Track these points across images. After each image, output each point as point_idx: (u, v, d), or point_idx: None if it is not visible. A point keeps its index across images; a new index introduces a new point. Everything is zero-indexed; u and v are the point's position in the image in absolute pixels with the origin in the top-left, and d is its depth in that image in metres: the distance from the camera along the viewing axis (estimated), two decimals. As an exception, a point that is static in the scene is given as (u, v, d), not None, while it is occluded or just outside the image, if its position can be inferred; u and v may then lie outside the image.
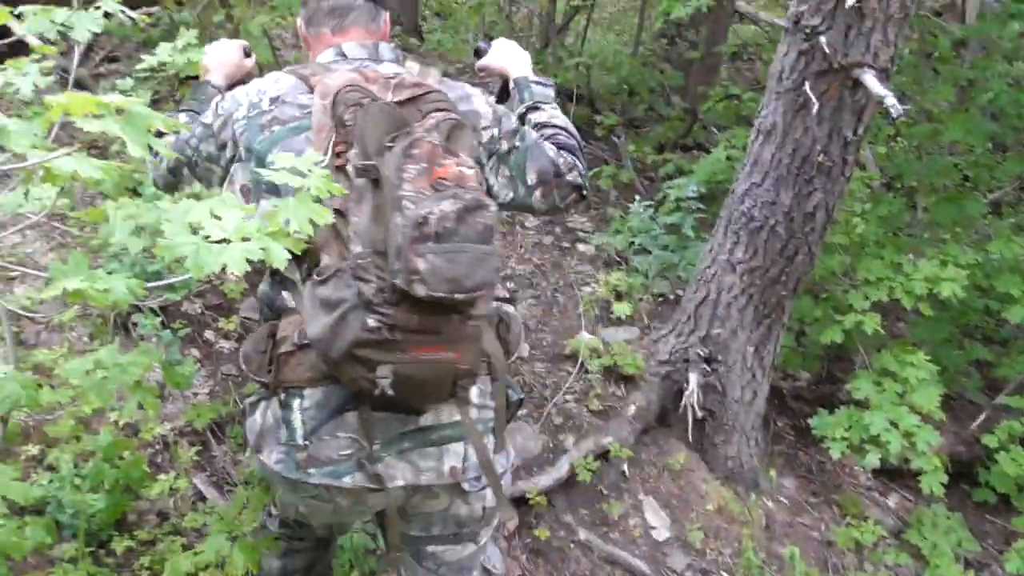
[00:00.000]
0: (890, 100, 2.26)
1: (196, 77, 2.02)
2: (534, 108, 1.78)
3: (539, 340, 3.56)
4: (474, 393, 1.52)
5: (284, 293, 1.51)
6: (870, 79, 2.37)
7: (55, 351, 2.90)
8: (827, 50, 2.40)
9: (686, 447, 3.12)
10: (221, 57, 1.94)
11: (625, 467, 2.96)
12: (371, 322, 1.29)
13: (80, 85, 4.14)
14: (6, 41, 1.61)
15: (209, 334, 3.15)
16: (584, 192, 1.70)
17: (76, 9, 1.52)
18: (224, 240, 0.98)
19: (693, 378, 3.05)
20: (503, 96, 1.89)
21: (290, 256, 1.06)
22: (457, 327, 1.36)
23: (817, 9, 2.42)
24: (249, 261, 0.96)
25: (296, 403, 1.47)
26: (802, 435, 3.44)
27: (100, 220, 1.50)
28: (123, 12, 1.57)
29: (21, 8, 1.51)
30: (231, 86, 1.80)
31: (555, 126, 1.73)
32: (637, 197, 4.41)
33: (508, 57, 1.89)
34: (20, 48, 1.54)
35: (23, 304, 2.95)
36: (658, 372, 3.23)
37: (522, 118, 1.77)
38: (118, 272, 3.02)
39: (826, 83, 2.48)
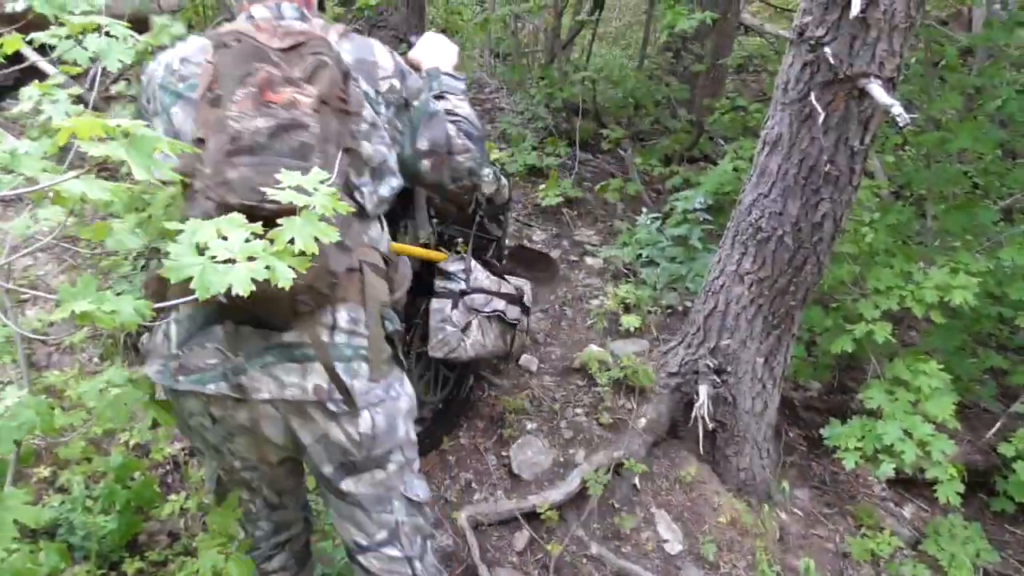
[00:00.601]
0: (897, 109, 2.25)
1: None
2: (440, 97, 1.84)
3: (548, 354, 3.56)
4: (342, 318, 1.57)
5: None
6: (876, 89, 2.36)
7: (66, 372, 2.92)
8: (832, 61, 2.40)
9: (697, 459, 3.10)
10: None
11: (636, 480, 2.94)
12: None
13: (94, 108, 4.19)
14: (17, 67, 1.63)
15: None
16: (478, 178, 1.79)
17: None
18: (230, 260, 0.99)
19: (703, 390, 3.03)
20: None
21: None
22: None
23: (822, 20, 2.42)
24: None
25: (172, 316, 1.58)
26: (814, 446, 3.42)
27: (104, 236, 1.51)
28: (132, 36, 1.58)
29: (40, 35, 1.53)
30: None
31: (458, 115, 1.80)
32: (644, 210, 4.41)
33: (426, 50, 1.98)
34: (30, 72, 1.56)
35: (34, 327, 2.98)
36: (668, 384, 3.22)
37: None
38: (127, 293, 3.05)
39: (832, 93, 2.48)
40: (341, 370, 1.55)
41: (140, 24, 4.90)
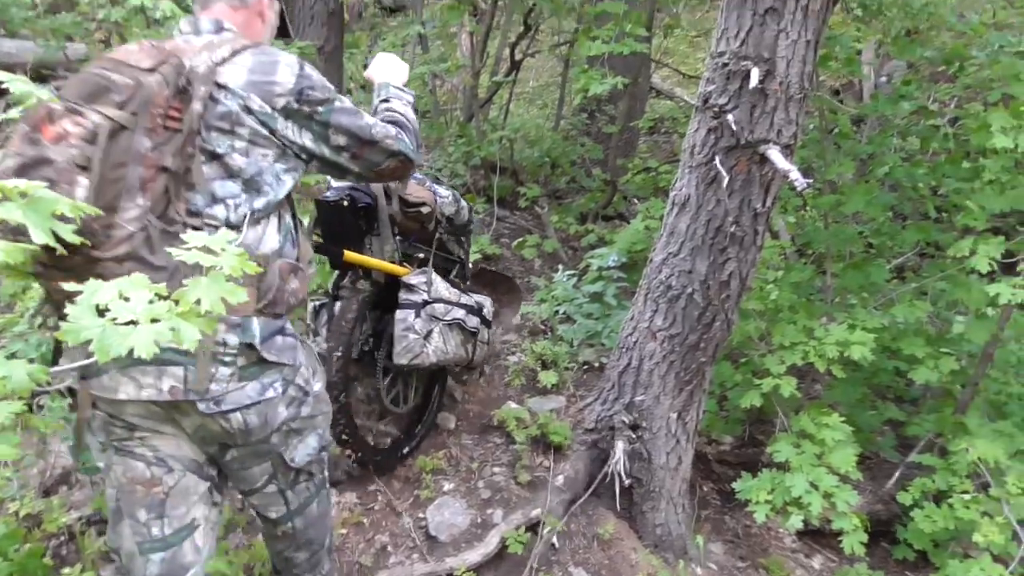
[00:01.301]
0: (794, 174, 2.38)
1: None
2: (385, 100, 2.12)
3: (466, 411, 3.54)
4: None
5: None
6: (775, 154, 2.49)
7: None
8: (734, 127, 2.53)
9: (615, 516, 3.11)
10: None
11: (555, 539, 2.93)
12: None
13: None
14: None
15: (121, 414, 3.01)
16: (410, 157, 2.00)
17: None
18: (132, 322, 0.96)
19: (619, 446, 3.06)
20: None
21: None
22: (80, 268, 1.51)
23: (724, 89, 2.55)
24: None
25: None
26: (728, 499, 3.48)
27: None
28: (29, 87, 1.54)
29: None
30: None
31: (393, 110, 2.07)
32: (560, 267, 4.48)
33: (378, 67, 2.26)
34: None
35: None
36: (585, 440, 3.24)
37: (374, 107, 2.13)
38: (24, 350, 2.89)
39: (735, 158, 2.60)
40: (193, 373, 1.66)
41: (45, 71, 4.72)
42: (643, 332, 3.04)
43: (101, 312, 0.97)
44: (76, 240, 0.88)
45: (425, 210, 3.00)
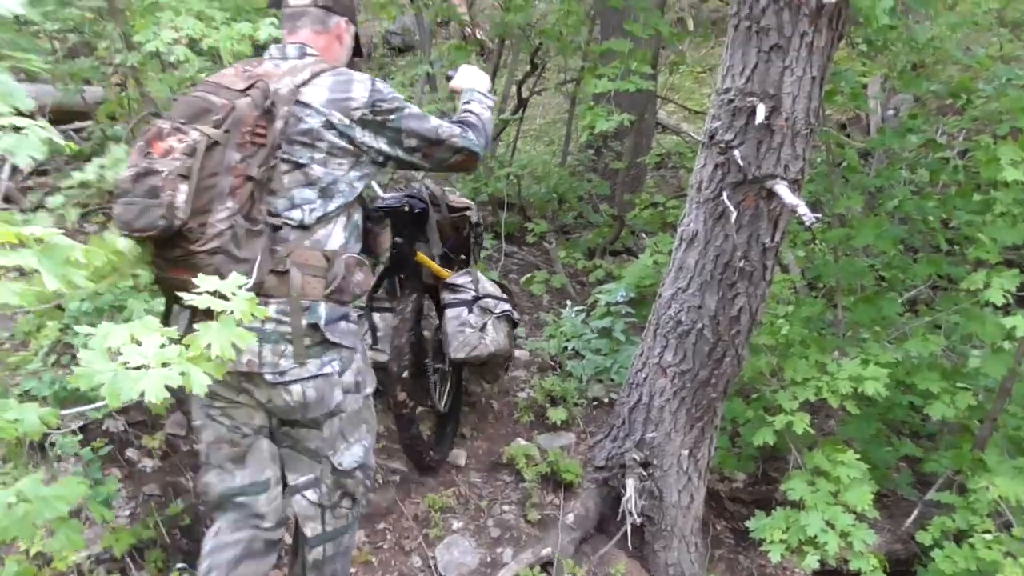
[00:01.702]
0: (802, 209, 2.38)
1: None
2: (467, 103, 2.39)
3: (475, 448, 3.52)
4: (271, 310, 1.97)
5: None
6: (783, 189, 2.50)
7: (-39, 479, 2.73)
8: (741, 163, 2.54)
9: (626, 555, 3.07)
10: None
11: (566, 579, 2.88)
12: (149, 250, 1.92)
13: (7, 199, 4.07)
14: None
15: (132, 452, 3.02)
16: (474, 151, 2.25)
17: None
18: (143, 366, 0.96)
19: (630, 483, 3.03)
20: None
21: None
22: (180, 259, 1.86)
23: (730, 125, 2.56)
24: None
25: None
26: (742, 538, 3.42)
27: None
28: (47, 132, 1.56)
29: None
30: None
31: (471, 111, 2.35)
32: (568, 302, 4.48)
33: (463, 77, 2.55)
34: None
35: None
36: (595, 478, 3.20)
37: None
38: (38, 388, 2.90)
39: (742, 193, 2.61)
40: (268, 350, 1.97)
41: (63, 115, 4.81)
42: (653, 368, 3.03)
43: (113, 357, 0.97)
44: (90, 285, 0.89)
45: (469, 215, 3.24)
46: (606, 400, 3.85)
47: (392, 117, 2.10)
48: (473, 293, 2.82)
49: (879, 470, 3.39)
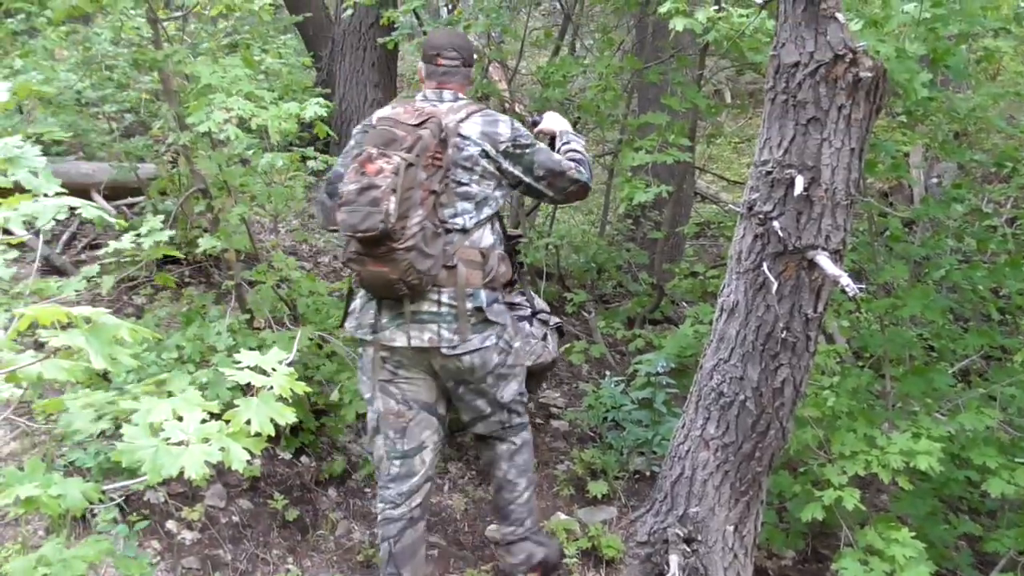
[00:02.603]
0: (844, 280, 2.35)
1: (169, 259, 3.27)
2: (566, 143, 2.89)
3: (515, 523, 3.44)
4: (444, 297, 2.58)
5: None
6: (824, 260, 2.47)
7: (7, 548, 2.76)
8: (781, 234, 2.53)
9: (672, 637, 2.95)
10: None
11: (608, 662, 2.78)
12: (351, 249, 2.50)
13: (59, 271, 4.21)
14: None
15: (171, 524, 3.03)
16: (585, 183, 2.79)
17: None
18: (183, 442, 0.97)
19: (674, 560, 2.94)
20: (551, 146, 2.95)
21: None
22: (384, 254, 2.43)
23: (768, 197, 2.56)
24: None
25: (357, 296, 2.73)
26: (792, 620, 3.28)
27: (59, 409, 1.48)
28: (100, 210, 1.62)
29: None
30: None
31: (573, 149, 2.84)
32: (608, 372, 4.44)
33: (552, 122, 3.04)
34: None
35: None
36: (638, 554, 3.11)
37: (558, 148, 2.88)
38: (82, 460, 2.93)
39: (783, 264, 2.59)
40: (444, 329, 2.58)
41: (118, 191, 4.99)
42: (695, 440, 2.97)
43: (155, 432, 0.99)
44: (134, 363, 0.91)
45: (523, 241, 3.59)
46: (648, 473, 3.77)
47: (528, 151, 2.68)
48: (531, 308, 3.12)
49: (936, 549, 3.25)
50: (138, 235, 2.48)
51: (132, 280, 3.96)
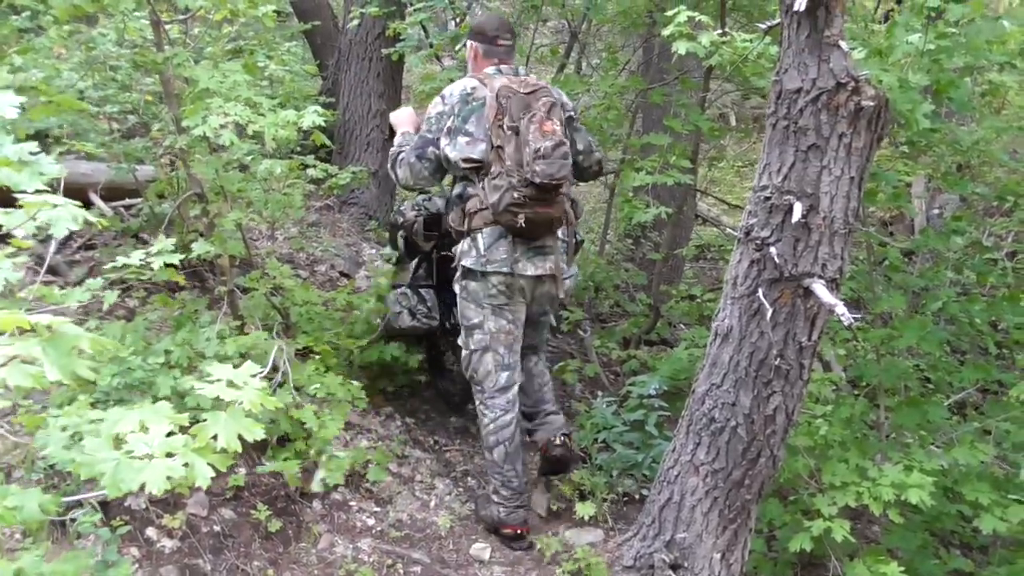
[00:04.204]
0: (840, 309, 2.33)
1: (173, 282, 3.20)
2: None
3: (499, 543, 3.40)
4: (560, 232, 3.34)
5: (469, 188, 3.26)
6: (820, 288, 2.45)
7: (-21, 551, 2.71)
8: (777, 260, 2.50)
9: (654, 665, 2.90)
10: (404, 117, 3.60)
11: None
12: (516, 195, 3.07)
13: (53, 271, 4.18)
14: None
15: (151, 532, 2.98)
16: (602, 168, 3.67)
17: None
18: (147, 456, 0.94)
19: (660, 588, 2.89)
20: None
21: (472, 167, 3.19)
22: (553, 199, 3.15)
23: (766, 223, 2.54)
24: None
25: (480, 236, 3.22)
26: (778, 652, 3.23)
27: (39, 425, 1.45)
28: (100, 215, 1.60)
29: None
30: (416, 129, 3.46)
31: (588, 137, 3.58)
32: (600, 393, 4.40)
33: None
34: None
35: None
36: (623, 580, 3.07)
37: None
38: (63, 463, 2.88)
39: (779, 291, 2.56)
40: (562, 260, 3.34)
41: (115, 192, 4.96)
42: (685, 466, 2.93)
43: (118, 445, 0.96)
44: (92, 376, 0.88)
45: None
46: (637, 496, 3.73)
47: (578, 122, 3.48)
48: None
49: (926, 585, 3.20)
50: (147, 254, 2.38)
51: (124, 282, 3.93)
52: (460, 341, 3.43)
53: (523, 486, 3.33)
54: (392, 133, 3.57)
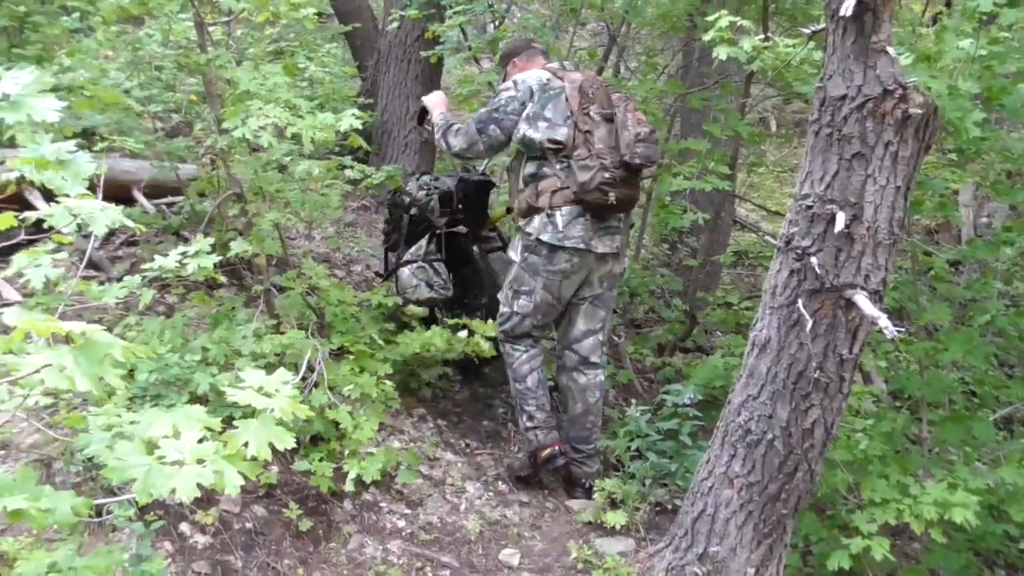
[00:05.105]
0: (883, 322, 2.27)
1: (211, 279, 3.25)
2: None
3: (529, 547, 3.39)
4: (622, 215, 3.59)
5: (545, 168, 3.48)
6: (862, 300, 2.39)
7: (20, 540, 2.76)
8: (818, 271, 2.45)
9: None
10: (437, 100, 3.88)
11: None
12: (607, 175, 3.36)
13: (95, 266, 4.26)
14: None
15: (185, 527, 3.01)
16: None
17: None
18: (178, 462, 0.94)
19: (691, 601, 2.85)
20: None
21: (553, 148, 3.46)
22: (637, 181, 3.57)
23: (807, 232, 2.49)
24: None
25: (558, 214, 3.45)
26: (812, 669, 3.16)
27: (80, 425, 1.46)
28: (141, 214, 1.61)
29: (33, 213, 1.55)
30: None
31: None
32: (634, 400, 4.35)
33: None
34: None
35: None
36: (654, 591, 3.03)
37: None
38: (100, 458, 2.92)
39: (819, 301, 2.50)
40: (620, 240, 3.59)
41: (157, 189, 5.04)
42: (719, 477, 2.88)
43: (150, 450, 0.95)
44: (121, 384, 0.88)
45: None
46: (669, 506, 3.68)
47: None
48: (500, 243, 4.17)
49: (968, 607, 3.11)
50: (183, 254, 2.39)
51: (163, 279, 3.98)
52: (501, 297, 3.73)
53: (553, 410, 3.74)
54: (424, 113, 3.89)
